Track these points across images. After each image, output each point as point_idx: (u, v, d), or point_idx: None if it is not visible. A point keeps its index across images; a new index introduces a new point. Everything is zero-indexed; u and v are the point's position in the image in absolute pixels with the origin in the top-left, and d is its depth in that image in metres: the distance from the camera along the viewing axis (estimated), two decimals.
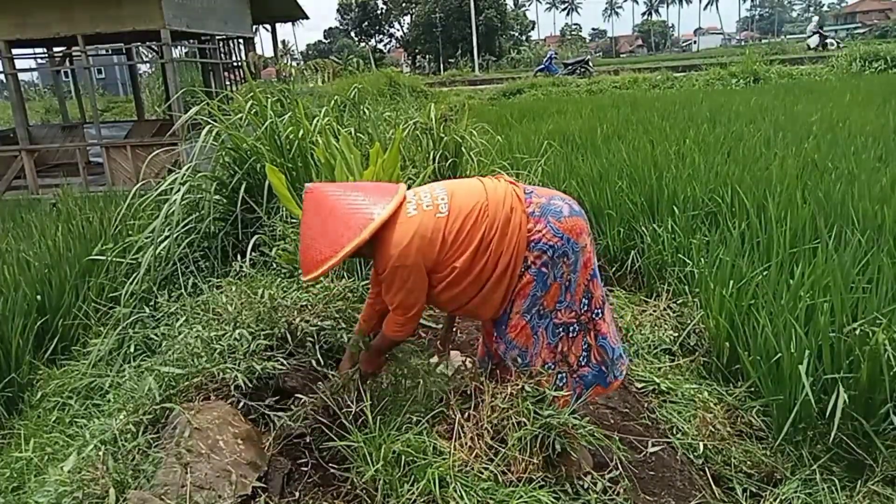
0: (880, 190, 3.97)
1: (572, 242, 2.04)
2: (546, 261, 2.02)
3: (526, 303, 2.05)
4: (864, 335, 2.34)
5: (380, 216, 1.96)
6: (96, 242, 4.52)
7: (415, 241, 1.96)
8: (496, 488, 1.77)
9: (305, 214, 2.04)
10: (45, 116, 22.84)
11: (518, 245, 2.02)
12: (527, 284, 2.04)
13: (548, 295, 2.05)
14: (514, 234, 2.01)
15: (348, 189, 2.10)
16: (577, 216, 2.08)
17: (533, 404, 1.98)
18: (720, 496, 2.28)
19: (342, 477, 1.92)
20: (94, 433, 1.98)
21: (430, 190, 2.12)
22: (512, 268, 2.03)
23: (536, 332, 2.08)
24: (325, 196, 2.03)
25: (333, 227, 1.97)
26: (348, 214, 1.97)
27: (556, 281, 2.04)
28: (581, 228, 2.08)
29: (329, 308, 2.46)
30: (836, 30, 53.26)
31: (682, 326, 3.33)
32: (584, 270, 2.10)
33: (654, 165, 5.12)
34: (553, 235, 2.02)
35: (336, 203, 2.01)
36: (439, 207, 2.03)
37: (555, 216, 2.05)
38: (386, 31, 62.02)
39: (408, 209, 2.03)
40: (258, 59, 9.91)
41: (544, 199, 2.10)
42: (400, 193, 2.05)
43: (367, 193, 2.06)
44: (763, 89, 12.79)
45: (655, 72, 19.48)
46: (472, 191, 2.11)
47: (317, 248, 1.97)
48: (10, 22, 9.97)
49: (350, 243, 1.92)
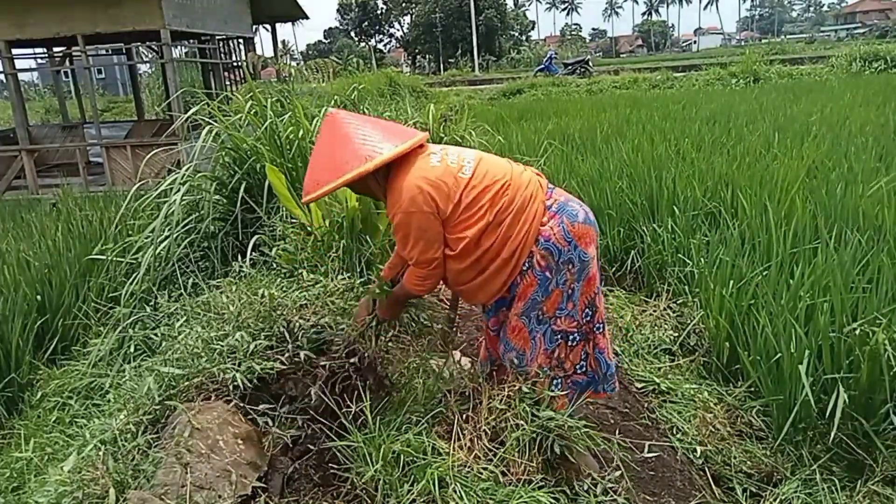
0: (880, 190, 3.97)
1: (579, 250, 2.01)
2: (551, 264, 2.00)
3: (525, 305, 2.04)
4: (864, 335, 2.34)
5: (390, 152, 1.94)
6: (96, 242, 4.52)
7: (431, 190, 1.93)
8: (495, 488, 1.77)
9: (319, 137, 2.04)
10: (45, 116, 22.85)
11: (528, 234, 1.99)
12: (528, 287, 2.03)
13: (548, 301, 2.03)
14: (527, 221, 1.99)
15: (367, 123, 2.07)
16: (590, 225, 2.06)
17: (530, 406, 1.98)
18: (720, 496, 2.28)
19: (342, 477, 1.92)
20: (94, 433, 1.98)
21: (458, 151, 2.11)
22: (517, 257, 2.00)
23: (534, 336, 2.06)
24: (341, 123, 2.01)
25: (341, 153, 1.95)
26: (358, 145, 1.95)
27: (559, 287, 2.02)
28: (591, 239, 2.05)
29: (327, 306, 2.45)
30: (836, 30, 53.28)
31: (682, 326, 3.33)
32: (590, 283, 2.07)
33: (654, 165, 5.12)
34: (562, 237, 1.99)
35: (350, 131, 1.99)
36: (463, 168, 2.01)
37: (569, 217, 2.02)
38: (386, 31, 62.03)
39: (431, 159, 2.01)
40: (258, 60, 9.91)
41: (563, 199, 2.08)
42: (418, 138, 2.03)
43: (386, 132, 2.04)
44: (763, 89, 12.79)
45: (655, 72, 19.50)
46: (498, 165, 2.08)
47: (320, 171, 1.97)
48: (10, 22, 9.97)
49: (352, 171, 1.90)
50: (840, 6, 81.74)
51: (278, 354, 2.20)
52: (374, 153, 1.93)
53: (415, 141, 2.02)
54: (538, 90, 17.72)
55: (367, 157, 1.92)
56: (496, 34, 46.23)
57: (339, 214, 3.05)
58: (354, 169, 1.91)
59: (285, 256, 3.02)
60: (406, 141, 2.00)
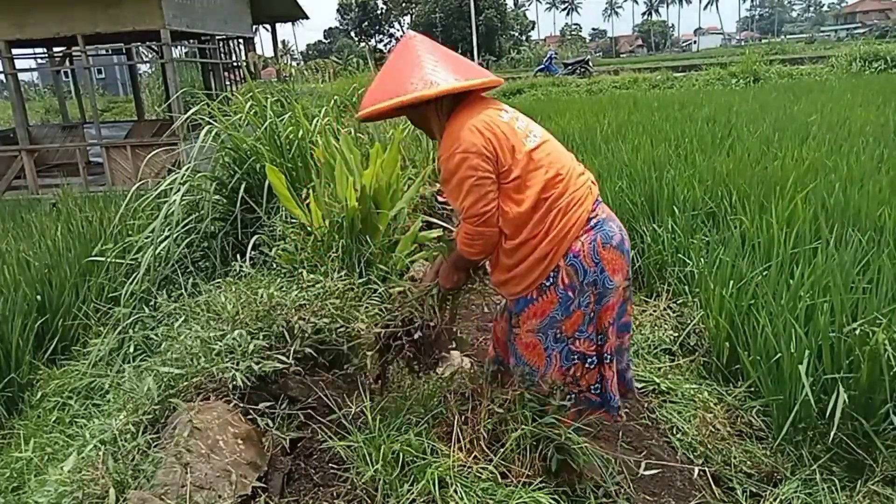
0: (880, 190, 3.97)
1: (605, 275, 1.92)
2: (574, 283, 1.91)
3: (543, 322, 1.97)
4: (864, 335, 2.34)
5: (463, 82, 1.85)
6: (96, 242, 4.52)
7: (493, 138, 1.84)
8: (495, 489, 1.77)
9: (389, 59, 1.98)
10: (45, 116, 22.85)
11: (565, 238, 1.89)
12: (548, 304, 1.95)
13: (569, 321, 1.95)
14: (568, 224, 1.89)
15: (442, 53, 1.97)
16: (622, 253, 1.96)
17: (531, 412, 1.96)
18: (720, 496, 2.28)
19: (342, 477, 1.92)
20: (94, 433, 1.98)
21: (528, 121, 2.02)
22: (549, 261, 1.90)
23: (550, 354, 2.00)
24: (414, 47, 1.94)
25: (408, 74, 1.87)
26: (426, 70, 1.86)
27: (581, 309, 1.94)
28: (619, 267, 1.95)
29: (326, 306, 2.45)
30: (836, 30, 53.27)
31: (682, 326, 3.33)
32: (606, 311, 1.97)
33: (654, 165, 5.12)
34: (591, 257, 1.90)
35: (421, 56, 1.91)
36: (529, 137, 1.93)
37: (604, 238, 1.92)
38: (386, 31, 62.02)
39: (501, 114, 1.94)
40: (258, 60, 9.90)
41: (605, 216, 1.98)
42: (491, 77, 1.95)
43: (459, 65, 1.95)
44: (763, 89, 12.80)
45: (655, 72, 19.50)
46: (560, 153, 1.99)
47: (383, 89, 1.91)
48: (10, 22, 9.97)
49: (414, 92, 1.83)
50: (840, 6, 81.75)
51: (278, 353, 2.20)
52: (441, 81, 1.84)
53: (486, 80, 1.92)
54: (538, 90, 17.73)
55: (433, 83, 1.83)
56: (496, 34, 46.24)
57: (339, 214, 3.05)
58: (417, 91, 1.82)
59: (285, 256, 3.02)
60: (479, 77, 1.91)
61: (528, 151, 1.89)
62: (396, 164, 3.31)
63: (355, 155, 3.40)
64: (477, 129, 1.84)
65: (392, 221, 3.37)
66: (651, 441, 2.50)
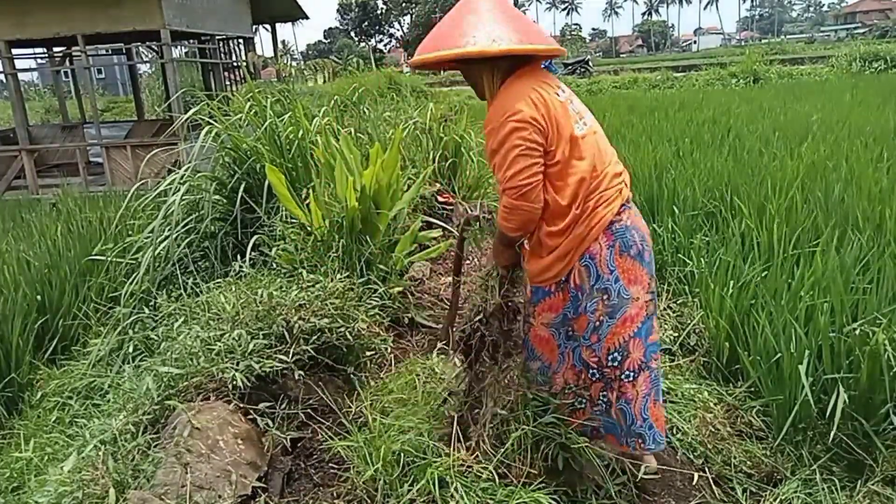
0: (880, 190, 3.97)
1: (620, 284, 1.84)
2: (584, 286, 1.87)
3: (557, 318, 1.95)
4: (864, 335, 2.34)
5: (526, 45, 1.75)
6: (96, 242, 4.52)
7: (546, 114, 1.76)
8: (495, 489, 1.77)
9: (457, 7, 1.87)
10: (45, 116, 22.85)
11: (587, 237, 1.84)
12: (561, 301, 1.93)
13: (576, 322, 1.92)
14: (591, 224, 1.83)
15: (510, 11, 1.86)
16: (642, 265, 1.88)
17: (532, 411, 1.95)
18: (720, 496, 2.28)
19: (342, 477, 1.92)
20: (94, 433, 1.98)
21: (583, 107, 1.94)
22: (567, 260, 1.86)
23: (563, 352, 1.98)
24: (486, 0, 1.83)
25: (471, 26, 1.78)
26: (490, 26, 1.77)
27: (586, 314, 1.88)
28: (637, 279, 1.87)
29: (326, 306, 2.45)
30: (836, 30, 53.27)
31: (682, 326, 3.33)
32: (627, 324, 1.87)
33: (654, 165, 5.12)
34: (606, 263, 1.84)
35: (488, 9, 1.81)
36: (579, 123, 1.85)
37: (623, 246, 1.85)
38: (386, 31, 62.03)
39: (557, 91, 1.85)
40: (257, 60, 9.90)
41: (630, 223, 1.89)
42: (555, 45, 1.84)
43: (526, 25, 1.84)
44: (763, 89, 12.80)
45: (655, 72, 19.50)
46: (605, 148, 1.93)
47: (445, 36, 1.81)
48: (10, 22, 9.97)
49: (474, 47, 1.73)
50: (840, 6, 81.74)
51: (278, 353, 2.20)
52: (502, 39, 1.74)
53: (550, 47, 1.82)
54: None
55: (494, 39, 1.74)
56: None
57: (339, 214, 3.05)
58: (478, 45, 1.73)
59: (285, 256, 3.02)
60: (543, 42, 1.81)
61: (577, 138, 1.82)
62: (396, 165, 3.31)
63: (355, 155, 3.40)
64: (532, 101, 1.76)
65: (392, 221, 3.37)
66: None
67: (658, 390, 2.01)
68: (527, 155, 1.75)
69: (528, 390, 1.98)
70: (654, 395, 1.98)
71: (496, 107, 1.82)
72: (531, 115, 1.75)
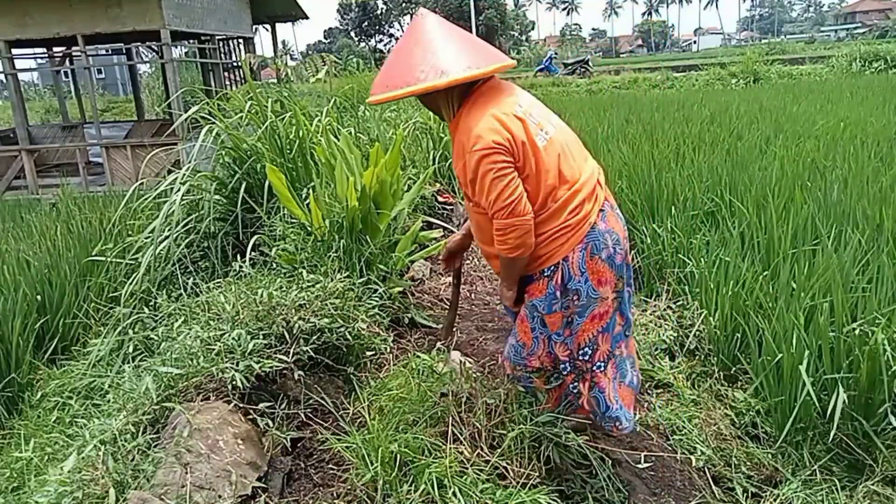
0: (880, 190, 3.97)
1: (589, 285, 1.91)
2: (559, 285, 1.93)
3: (532, 301, 2.00)
4: (864, 335, 2.34)
5: (473, 71, 1.78)
6: (96, 242, 4.52)
7: (508, 133, 1.79)
8: (494, 489, 1.77)
9: (404, 37, 1.90)
10: (45, 116, 22.84)
11: (559, 249, 1.89)
12: (539, 290, 1.97)
13: (549, 318, 1.98)
14: (567, 239, 1.89)
15: (457, 33, 1.90)
16: (611, 268, 1.93)
17: (527, 409, 1.98)
18: (720, 496, 2.28)
19: (342, 477, 1.92)
20: (94, 433, 1.98)
21: (545, 113, 1.95)
22: (544, 260, 1.92)
23: (537, 336, 2.04)
24: (426, 27, 1.86)
25: (420, 59, 1.80)
26: (438, 56, 1.79)
27: (560, 311, 1.96)
28: (606, 280, 1.94)
29: (326, 306, 2.46)
30: (836, 30, 53.28)
31: (683, 327, 3.33)
32: (595, 320, 1.97)
33: (654, 165, 5.12)
34: (577, 266, 1.90)
35: (434, 39, 1.83)
36: (539, 134, 1.87)
37: (593, 249, 1.91)
38: (386, 31, 62.00)
39: (515, 105, 1.86)
40: (253, 60, 9.84)
41: (603, 226, 1.94)
42: (505, 62, 1.88)
43: (473, 49, 1.87)
44: (763, 89, 12.80)
45: (655, 72, 19.50)
46: (569, 154, 1.93)
47: (393, 75, 1.84)
48: (10, 22, 9.98)
49: (423, 83, 1.76)
50: (840, 6, 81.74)
51: (278, 353, 2.20)
52: (450, 69, 1.78)
53: (499, 66, 1.85)
54: (538, 90, 17.71)
55: (443, 71, 1.77)
56: (496, 34, 46.21)
57: (340, 214, 3.05)
58: (427, 81, 1.76)
59: (285, 256, 3.02)
60: (491, 64, 1.83)
61: (539, 150, 1.85)
62: (397, 165, 3.31)
63: (355, 155, 3.40)
64: (492, 127, 1.79)
65: (392, 221, 3.37)
66: (651, 441, 2.50)
67: (622, 373, 2.11)
68: (502, 176, 1.79)
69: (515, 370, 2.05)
70: (620, 377, 2.10)
71: (459, 138, 1.87)
72: (493, 140, 1.78)
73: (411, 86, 1.79)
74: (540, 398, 2.09)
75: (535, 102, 1.98)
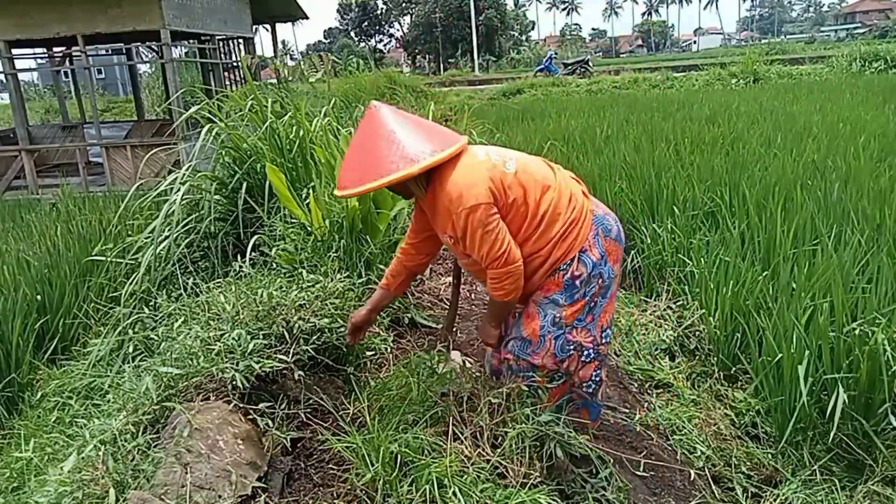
0: (880, 190, 3.97)
1: (608, 266, 2.03)
2: (583, 275, 2.00)
3: (546, 298, 2.05)
4: (864, 335, 2.34)
5: (437, 155, 1.88)
6: (96, 242, 4.52)
7: (487, 181, 1.89)
8: (495, 489, 1.77)
9: (360, 131, 1.96)
10: (45, 116, 22.84)
11: (572, 249, 1.99)
12: (554, 285, 2.03)
13: (570, 308, 2.03)
14: (577, 237, 1.98)
15: (411, 122, 2.00)
16: (619, 243, 2.08)
17: (529, 408, 1.98)
18: (720, 496, 2.28)
19: (342, 477, 1.92)
20: (94, 433, 1.98)
21: (500, 150, 2.09)
22: (557, 264, 2.00)
23: (544, 334, 2.06)
24: (384, 120, 1.94)
25: (387, 151, 1.87)
26: (404, 145, 1.88)
27: (584, 298, 2.03)
28: (619, 256, 2.08)
29: (326, 306, 2.45)
30: (836, 30, 53.27)
31: (682, 327, 3.33)
32: (612, 301, 2.10)
33: (654, 165, 5.12)
34: (598, 251, 2.01)
35: (395, 129, 1.91)
36: (506, 164, 1.98)
37: (604, 232, 2.04)
38: (386, 31, 62.01)
39: (476, 157, 1.97)
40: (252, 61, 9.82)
41: (601, 212, 2.09)
42: (463, 140, 1.99)
43: (431, 133, 1.98)
44: (763, 89, 12.80)
45: (655, 72, 19.47)
46: (539, 168, 2.06)
47: (362, 167, 1.90)
48: (10, 22, 9.97)
49: (398, 172, 1.83)
50: (840, 6, 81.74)
51: (278, 353, 2.20)
52: (419, 156, 1.87)
53: (460, 145, 1.97)
54: (538, 90, 17.71)
55: (413, 159, 1.85)
56: (496, 34, 46.16)
57: (339, 214, 3.05)
58: (401, 170, 1.84)
59: (285, 256, 3.02)
60: (453, 144, 1.94)
61: (513, 175, 1.96)
62: None
63: None
64: (468, 182, 1.88)
65: (392, 221, 3.37)
66: (651, 441, 2.50)
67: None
68: (489, 231, 1.89)
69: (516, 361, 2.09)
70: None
71: (441, 208, 1.94)
72: (475, 194, 1.87)
73: (386, 177, 1.85)
74: (542, 396, 2.09)
75: (489, 146, 2.11)
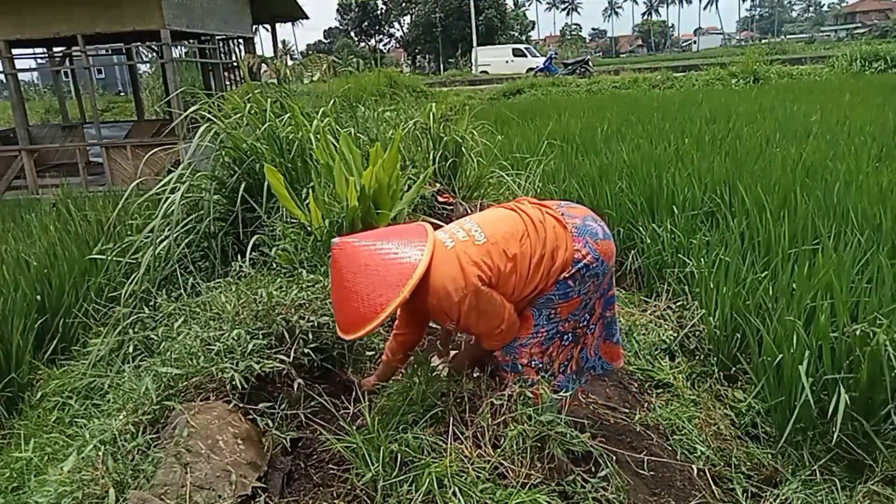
0: (880, 190, 3.97)
1: (605, 264, 2.08)
2: (576, 276, 2.04)
3: (539, 299, 2.08)
4: (865, 336, 2.34)
5: (419, 269, 1.86)
6: (96, 242, 4.52)
7: (467, 268, 1.92)
8: (495, 489, 1.77)
9: (338, 270, 1.91)
10: (45, 116, 22.81)
11: (549, 279, 2.03)
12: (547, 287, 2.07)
13: (565, 304, 2.08)
14: (560, 264, 2.02)
15: (377, 238, 1.98)
16: (609, 240, 2.12)
17: (530, 408, 1.98)
18: (720, 496, 2.28)
19: (342, 477, 1.92)
20: (94, 433, 1.98)
21: (458, 224, 2.11)
22: (544, 286, 2.05)
23: (538, 330, 2.10)
24: (356, 250, 1.91)
25: (369, 282, 1.85)
26: (384, 267, 1.87)
27: (579, 296, 2.09)
28: (612, 252, 2.12)
29: (326, 306, 2.45)
30: (836, 30, 53.28)
31: (682, 327, 3.33)
32: (602, 294, 2.18)
33: (654, 165, 5.12)
34: (592, 257, 2.05)
35: (369, 256, 1.89)
36: (475, 237, 2.00)
37: (592, 237, 2.08)
38: (386, 31, 62.02)
39: (444, 243, 1.99)
40: (251, 62, 9.82)
41: (579, 220, 2.12)
42: (431, 236, 1.98)
43: (399, 240, 1.96)
44: (763, 89, 12.80)
45: (655, 72, 19.49)
46: (503, 219, 2.09)
47: (355, 307, 1.86)
48: (10, 22, 9.97)
49: (391, 304, 1.82)
50: (840, 6, 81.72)
51: (278, 353, 2.20)
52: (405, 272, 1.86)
53: (432, 240, 1.96)
54: (538, 90, 17.72)
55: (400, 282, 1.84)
56: (496, 34, 46.17)
57: (339, 214, 3.05)
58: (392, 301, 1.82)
59: (285, 256, 3.02)
60: (424, 243, 1.93)
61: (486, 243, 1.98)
62: (396, 165, 3.30)
63: (355, 155, 3.39)
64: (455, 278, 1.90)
65: (392, 221, 3.37)
66: (651, 441, 2.50)
67: (611, 332, 2.31)
68: (484, 311, 1.95)
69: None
70: (606, 335, 2.30)
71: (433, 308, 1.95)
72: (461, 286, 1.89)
73: (381, 313, 1.82)
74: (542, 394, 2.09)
75: (451, 225, 2.13)
